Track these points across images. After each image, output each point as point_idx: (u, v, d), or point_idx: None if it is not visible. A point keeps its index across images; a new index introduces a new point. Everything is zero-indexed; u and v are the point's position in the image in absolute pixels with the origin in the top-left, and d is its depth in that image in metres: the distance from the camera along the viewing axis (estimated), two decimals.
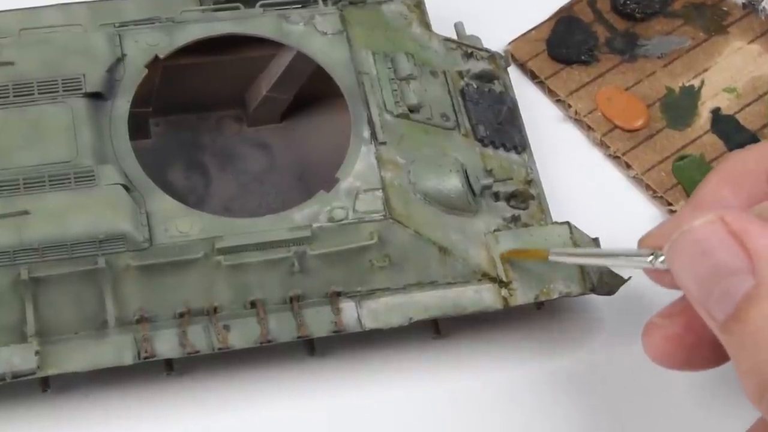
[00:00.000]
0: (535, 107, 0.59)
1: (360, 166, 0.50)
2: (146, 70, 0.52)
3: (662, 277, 0.41)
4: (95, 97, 0.50)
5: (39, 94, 0.50)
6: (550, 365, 0.52)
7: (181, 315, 0.48)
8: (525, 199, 0.53)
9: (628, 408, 0.52)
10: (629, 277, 0.52)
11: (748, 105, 0.60)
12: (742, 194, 0.41)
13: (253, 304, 0.49)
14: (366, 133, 0.51)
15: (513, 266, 0.50)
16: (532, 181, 0.54)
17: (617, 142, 0.59)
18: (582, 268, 0.51)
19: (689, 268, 0.37)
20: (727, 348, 0.36)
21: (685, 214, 0.41)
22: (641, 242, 0.42)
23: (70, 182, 0.48)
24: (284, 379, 0.51)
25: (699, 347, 0.40)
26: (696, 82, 0.61)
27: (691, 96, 0.60)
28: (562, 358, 0.53)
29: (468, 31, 0.59)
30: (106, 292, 0.47)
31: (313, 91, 0.56)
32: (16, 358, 0.46)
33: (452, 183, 0.51)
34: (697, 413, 0.52)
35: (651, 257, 0.39)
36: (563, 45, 0.61)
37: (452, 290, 0.50)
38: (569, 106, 0.60)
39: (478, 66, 0.57)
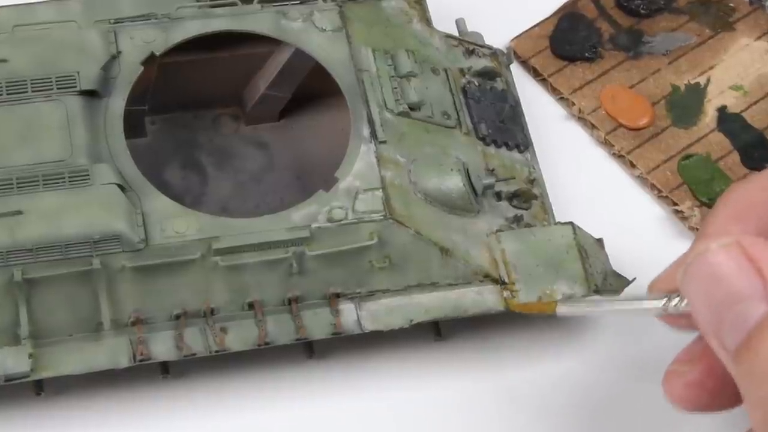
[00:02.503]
0: (537, 105, 0.59)
1: (359, 166, 0.50)
2: (142, 68, 0.51)
3: (677, 321, 0.40)
4: (90, 95, 0.50)
5: (33, 91, 0.50)
6: (554, 367, 0.52)
7: (178, 317, 0.48)
8: (527, 198, 0.53)
9: (632, 410, 0.51)
10: (633, 279, 0.52)
11: (754, 103, 0.60)
12: (750, 227, 0.40)
13: (250, 306, 0.49)
14: (366, 132, 0.51)
15: (515, 267, 0.50)
16: (534, 180, 0.54)
17: (621, 140, 0.58)
18: (586, 270, 0.50)
19: (703, 292, 0.36)
20: (736, 378, 0.36)
21: (699, 239, 0.41)
22: (651, 287, 0.41)
23: (64, 182, 0.48)
24: (282, 381, 0.51)
25: (722, 389, 0.40)
26: (702, 80, 0.60)
27: (696, 94, 0.60)
28: (565, 361, 0.52)
29: (470, 28, 0.58)
30: (100, 293, 0.47)
31: (311, 89, 0.56)
32: (9, 361, 0.46)
33: (453, 182, 0.51)
34: (702, 417, 0.51)
35: (664, 300, 0.39)
36: (566, 42, 0.61)
37: (453, 291, 0.50)
38: (572, 104, 0.60)
39: (479, 63, 0.56)
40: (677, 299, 0.39)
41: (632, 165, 0.58)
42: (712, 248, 0.36)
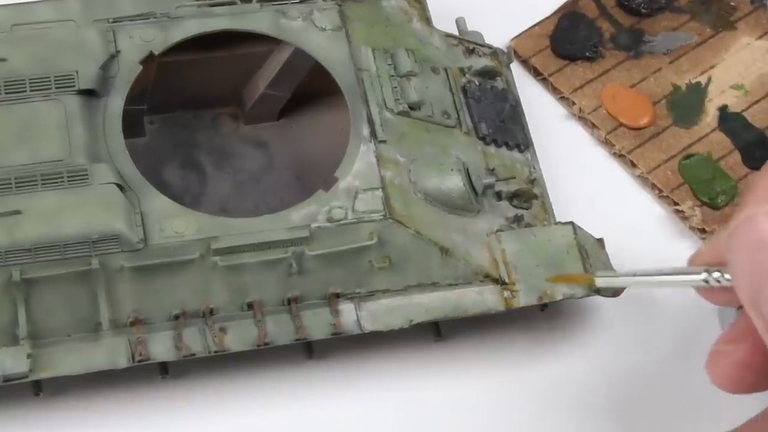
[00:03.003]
0: (538, 105, 0.59)
1: (359, 165, 0.50)
2: (141, 67, 0.51)
3: (717, 295, 0.39)
4: (89, 94, 0.50)
5: (31, 91, 0.49)
6: (555, 368, 0.52)
7: (177, 317, 0.48)
8: (528, 198, 0.53)
9: (634, 412, 0.51)
10: None
11: (756, 102, 0.60)
12: None
13: (250, 306, 0.48)
14: (365, 131, 0.51)
15: (516, 267, 0.50)
16: (535, 180, 0.54)
17: (622, 140, 0.58)
18: (587, 270, 0.50)
19: (746, 258, 0.35)
20: None
21: (747, 204, 0.39)
22: (691, 260, 0.41)
23: (63, 181, 0.48)
24: (282, 382, 0.50)
25: None
26: (703, 79, 0.60)
27: (697, 93, 0.60)
28: (566, 361, 0.52)
29: (470, 27, 0.58)
30: (99, 293, 0.47)
31: (311, 89, 0.56)
32: (8, 361, 0.46)
33: (453, 182, 0.50)
34: (704, 417, 0.51)
35: (704, 274, 0.39)
36: (567, 41, 0.61)
37: (453, 292, 0.50)
38: (573, 103, 0.59)
39: (480, 62, 0.56)
40: (718, 273, 0.38)
41: (633, 164, 0.58)
42: (759, 212, 0.35)
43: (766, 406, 0.40)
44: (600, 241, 0.52)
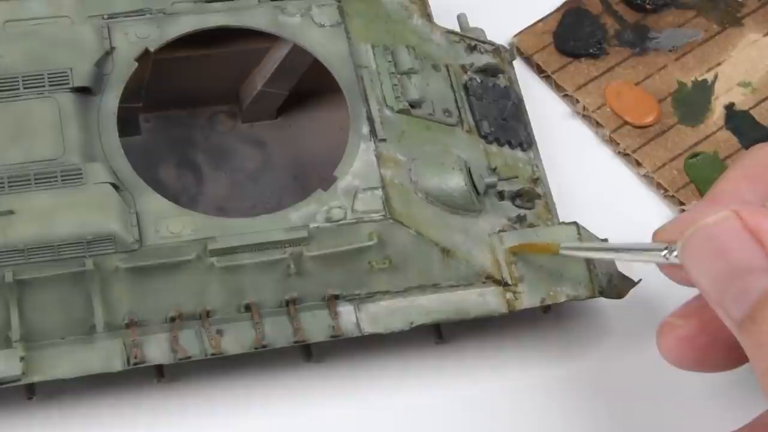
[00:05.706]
0: (541, 102, 0.59)
1: (359, 164, 0.50)
2: (136, 64, 0.51)
3: (676, 272, 0.40)
4: (83, 91, 0.50)
5: (24, 88, 0.49)
6: (557, 371, 0.52)
7: (173, 319, 0.48)
8: (531, 198, 0.53)
9: (638, 414, 0.51)
10: (639, 280, 0.51)
11: (763, 100, 0.59)
12: (760, 190, 0.41)
13: (247, 308, 0.48)
14: (365, 130, 0.51)
15: (519, 268, 0.50)
16: (538, 179, 0.54)
17: (627, 138, 0.58)
18: (590, 271, 0.50)
19: (704, 265, 0.36)
20: (744, 347, 0.36)
21: (700, 209, 0.41)
22: (655, 236, 0.42)
23: (56, 181, 0.47)
24: (280, 385, 0.50)
25: (713, 349, 0.40)
26: (709, 77, 0.60)
27: (703, 91, 0.60)
28: (569, 364, 0.52)
29: (471, 23, 0.58)
30: (94, 295, 0.47)
31: (310, 86, 0.56)
32: (0, 364, 0.45)
33: (455, 181, 0.50)
34: (708, 418, 0.51)
35: (665, 251, 0.39)
36: (571, 38, 0.61)
37: (455, 293, 0.49)
38: (577, 101, 0.59)
39: (482, 59, 0.56)
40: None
41: (638, 163, 0.58)
42: (709, 221, 0.36)
43: (767, 408, 0.40)
44: (604, 241, 0.52)
